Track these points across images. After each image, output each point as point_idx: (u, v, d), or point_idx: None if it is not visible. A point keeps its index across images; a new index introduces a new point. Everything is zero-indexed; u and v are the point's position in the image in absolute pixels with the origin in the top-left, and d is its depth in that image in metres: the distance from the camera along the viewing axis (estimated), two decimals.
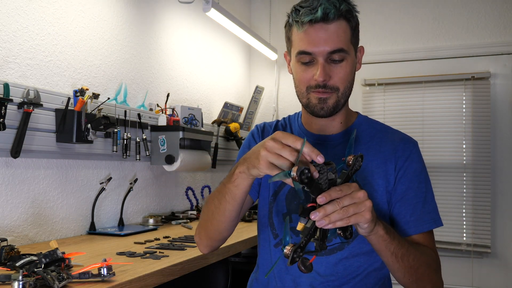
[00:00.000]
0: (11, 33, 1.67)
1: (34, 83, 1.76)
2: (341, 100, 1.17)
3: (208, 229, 1.20)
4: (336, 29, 1.12)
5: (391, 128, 1.30)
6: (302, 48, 1.14)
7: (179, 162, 2.30)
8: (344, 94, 1.17)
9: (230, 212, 1.11)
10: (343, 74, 1.15)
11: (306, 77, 1.16)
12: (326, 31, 1.11)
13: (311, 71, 1.15)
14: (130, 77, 2.31)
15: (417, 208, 1.17)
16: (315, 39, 1.12)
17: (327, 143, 1.24)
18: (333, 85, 1.15)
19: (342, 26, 1.13)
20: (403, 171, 1.19)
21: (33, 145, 1.70)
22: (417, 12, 3.30)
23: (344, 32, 1.13)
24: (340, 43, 1.12)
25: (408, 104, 3.28)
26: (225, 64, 3.28)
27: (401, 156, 1.20)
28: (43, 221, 1.79)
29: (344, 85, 1.16)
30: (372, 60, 3.33)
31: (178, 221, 2.38)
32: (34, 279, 1.07)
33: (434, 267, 1.15)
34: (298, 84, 1.19)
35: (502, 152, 3.07)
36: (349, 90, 1.19)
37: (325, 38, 1.11)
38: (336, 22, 1.12)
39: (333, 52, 1.12)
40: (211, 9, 2.33)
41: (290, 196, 1.22)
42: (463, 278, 3.08)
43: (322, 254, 1.18)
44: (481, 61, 3.14)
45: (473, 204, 3.09)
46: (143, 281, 1.26)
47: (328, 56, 1.13)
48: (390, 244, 1.02)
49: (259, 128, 1.35)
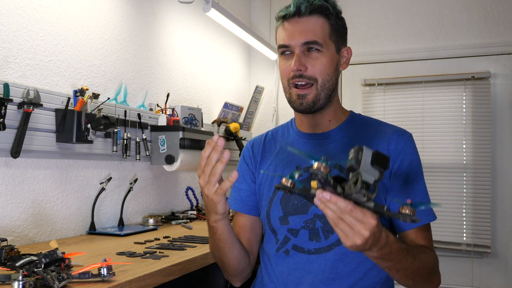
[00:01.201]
0: (11, 33, 1.67)
1: (34, 83, 1.76)
2: (321, 93, 1.21)
3: (228, 269, 1.29)
4: (310, 23, 1.19)
5: (384, 122, 1.32)
6: (281, 42, 1.23)
7: (179, 162, 2.30)
8: (323, 87, 1.21)
9: (231, 250, 1.22)
10: (320, 65, 1.19)
11: (286, 69, 1.22)
12: (300, 24, 1.19)
13: (289, 63, 1.21)
14: (130, 77, 2.31)
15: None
16: (290, 32, 1.20)
17: (317, 141, 1.28)
18: (310, 76, 1.19)
19: (319, 21, 1.20)
20: (398, 166, 1.20)
21: (33, 145, 1.70)
22: (417, 12, 3.30)
23: (320, 27, 1.20)
24: (314, 36, 1.19)
25: (408, 104, 3.28)
26: (225, 64, 3.28)
27: (395, 149, 1.21)
28: (43, 221, 1.79)
29: (322, 77, 1.20)
30: (372, 60, 3.33)
31: (178, 221, 2.38)
32: (34, 279, 1.07)
33: (432, 266, 1.16)
34: (282, 77, 1.26)
35: (502, 152, 3.07)
36: (330, 84, 1.22)
37: (300, 30, 1.19)
38: (310, 16, 1.19)
39: (307, 43, 1.18)
40: (211, 9, 2.33)
41: (284, 199, 1.25)
42: (463, 278, 3.08)
43: (321, 252, 1.18)
44: (481, 61, 3.14)
45: (473, 204, 3.08)
46: (143, 281, 1.26)
47: (304, 47, 1.19)
48: (391, 267, 1.02)
49: (249, 148, 1.40)
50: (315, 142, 1.28)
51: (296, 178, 0.89)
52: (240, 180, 1.38)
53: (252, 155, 1.37)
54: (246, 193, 1.35)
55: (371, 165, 0.82)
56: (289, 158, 1.29)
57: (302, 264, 1.20)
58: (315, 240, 1.19)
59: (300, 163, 1.26)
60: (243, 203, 1.35)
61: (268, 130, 1.43)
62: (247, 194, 1.35)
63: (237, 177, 1.01)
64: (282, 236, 1.24)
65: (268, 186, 1.30)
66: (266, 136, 1.40)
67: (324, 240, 1.18)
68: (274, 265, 1.25)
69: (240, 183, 1.37)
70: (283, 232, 1.24)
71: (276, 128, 1.42)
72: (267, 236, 1.29)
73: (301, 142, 1.30)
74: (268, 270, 1.27)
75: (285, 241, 1.23)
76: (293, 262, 1.21)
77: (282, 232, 1.24)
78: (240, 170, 1.38)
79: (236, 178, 1.01)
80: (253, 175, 1.36)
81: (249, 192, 1.35)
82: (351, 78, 3.39)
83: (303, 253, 1.20)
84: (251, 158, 1.37)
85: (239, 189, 1.37)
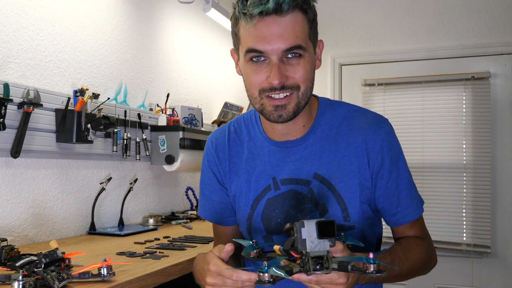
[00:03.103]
0: (11, 33, 1.67)
1: (34, 83, 1.75)
2: (301, 102, 1.02)
3: None
4: (291, 22, 0.96)
5: (357, 110, 1.15)
6: (252, 46, 0.98)
7: (179, 162, 2.30)
8: (305, 95, 1.02)
9: None
10: (302, 72, 1.00)
11: (258, 79, 1.01)
12: (279, 25, 0.96)
13: (263, 72, 1.00)
14: (130, 77, 2.31)
15: (402, 198, 1.11)
16: (267, 35, 0.96)
17: (291, 149, 1.12)
18: (292, 85, 1.00)
19: (298, 19, 0.98)
20: (379, 165, 1.09)
21: (33, 145, 1.70)
22: (417, 12, 3.29)
23: (300, 26, 0.98)
24: (297, 39, 0.97)
25: (408, 104, 3.27)
26: (225, 64, 3.28)
27: (373, 148, 1.09)
28: (43, 221, 1.79)
29: (305, 84, 1.01)
30: (372, 60, 3.32)
31: (178, 221, 2.38)
32: (34, 279, 1.07)
33: (426, 255, 1.13)
34: (249, 87, 1.05)
35: (502, 152, 3.07)
36: (311, 90, 1.05)
37: (279, 33, 0.96)
38: (290, 14, 0.96)
39: (288, 49, 0.97)
40: (211, 9, 2.33)
41: (266, 217, 1.14)
42: (463, 278, 3.07)
43: None
44: (481, 61, 3.14)
45: (473, 204, 3.08)
46: (143, 281, 1.26)
47: (283, 54, 0.98)
48: (388, 278, 1.03)
49: (212, 152, 1.21)
50: (288, 150, 1.12)
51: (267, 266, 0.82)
52: (210, 189, 1.22)
53: (218, 161, 1.19)
54: (219, 205, 1.22)
55: (318, 239, 0.78)
56: (262, 166, 1.14)
57: (287, 284, 1.12)
58: None
59: (274, 174, 1.13)
60: (219, 216, 1.23)
61: (229, 123, 1.23)
62: (221, 206, 1.22)
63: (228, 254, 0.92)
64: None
65: (244, 200, 1.16)
66: (228, 134, 1.20)
67: None
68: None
69: (211, 192, 1.22)
70: (267, 248, 1.19)
71: (238, 122, 1.22)
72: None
73: (272, 149, 1.14)
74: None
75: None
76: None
77: (266, 248, 1.19)
78: (207, 177, 1.23)
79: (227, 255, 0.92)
80: (223, 186, 1.21)
81: (222, 204, 1.22)
82: (351, 78, 3.39)
83: None
84: (217, 166, 1.20)
85: (211, 199, 1.23)
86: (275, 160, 1.13)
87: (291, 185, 1.11)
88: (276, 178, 1.13)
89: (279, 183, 1.12)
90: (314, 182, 1.10)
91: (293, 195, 1.11)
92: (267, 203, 1.13)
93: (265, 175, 1.14)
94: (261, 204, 1.14)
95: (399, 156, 1.12)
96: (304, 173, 1.10)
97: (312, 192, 1.10)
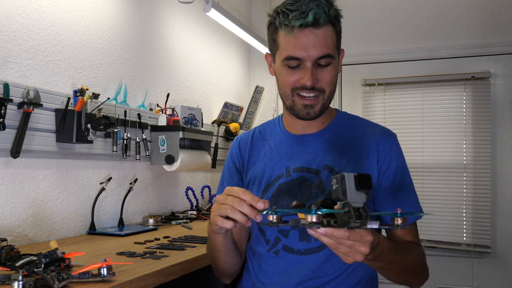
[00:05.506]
0: (11, 33, 1.67)
1: (34, 83, 1.75)
2: (326, 103, 1.21)
3: (219, 271, 1.31)
4: (324, 34, 1.14)
5: (370, 122, 1.34)
6: (291, 54, 1.15)
7: (179, 162, 2.30)
8: (329, 97, 1.21)
9: (225, 258, 1.25)
10: (329, 78, 1.18)
11: (292, 79, 1.18)
12: (315, 36, 1.13)
13: (297, 74, 1.17)
14: (130, 77, 2.31)
15: (403, 200, 1.21)
16: (304, 45, 1.13)
17: (307, 142, 1.28)
18: (320, 88, 1.18)
19: (330, 31, 1.16)
20: (386, 165, 1.22)
21: (33, 145, 1.70)
22: (417, 12, 3.30)
23: (331, 38, 1.16)
24: (328, 48, 1.15)
25: (408, 104, 3.28)
26: (225, 64, 3.28)
27: (383, 150, 1.23)
28: (43, 221, 1.79)
29: (330, 88, 1.19)
30: (372, 60, 3.33)
31: (178, 221, 2.38)
32: (34, 279, 1.07)
33: (421, 261, 1.20)
34: (283, 86, 1.22)
35: (502, 152, 3.07)
36: (334, 93, 1.22)
37: (314, 43, 1.13)
38: (325, 27, 1.14)
39: (321, 57, 1.15)
40: (211, 9, 2.33)
41: (273, 200, 1.24)
42: (463, 278, 3.07)
43: (311, 252, 1.19)
44: (481, 61, 3.14)
45: (473, 204, 3.08)
46: (143, 281, 1.26)
47: (316, 61, 1.15)
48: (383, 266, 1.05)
49: (236, 146, 1.39)
50: (305, 144, 1.28)
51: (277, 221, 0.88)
52: (228, 180, 1.37)
53: (239, 153, 1.36)
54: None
55: (356, 190, 0.83)
56: (278, 158, 1.29)
57: (291, 265, 1.21)
58: (305, 241, 1.20)
59: (288, 164, 1.26)
60: None
61: (256, 127, 1.41)
62: None
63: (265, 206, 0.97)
64: (273, 237, 1.24)
65: (256, 186, 1.29)
66: (253, 133, 1.38)
67: (315, 241, 1.18)
68: (263, 265, 1.25)
69: (228, 182, 1.36)
70: (273, 233, 1.24)
71: (263, 125, 1.40)
72: (255, 235, 1.29)
73: (290, 143, 1.30)
74: (256, 270, 1.27)
75: (276, 242, 1.23)
76: (282, 263, 1.22)
77: (272, 233, 1.24)
78: (227, 168, 1.38)
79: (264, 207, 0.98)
80: (241, 174, 1.36)
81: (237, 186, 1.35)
82: (351, 78, 3.39)
83: (293, 254, 1.21)
84: (238, 157, 1.36)
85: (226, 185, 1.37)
86: (291, 152, 1.28)
87: (302, 172, 1.24)
88: (289, 167, 1.26)
89: (291, 171, 1.25)
90: (324, 172, 1.22)
91: (302, 181, 1.23)
92: (278, 188, 1.25)
93: (280, 165, 1.27)
94: (272, 190, 1.25)
95: (404, 164, 1.26)
96: (315, 163, 1.24)
97: (321, 180, 1.21)
